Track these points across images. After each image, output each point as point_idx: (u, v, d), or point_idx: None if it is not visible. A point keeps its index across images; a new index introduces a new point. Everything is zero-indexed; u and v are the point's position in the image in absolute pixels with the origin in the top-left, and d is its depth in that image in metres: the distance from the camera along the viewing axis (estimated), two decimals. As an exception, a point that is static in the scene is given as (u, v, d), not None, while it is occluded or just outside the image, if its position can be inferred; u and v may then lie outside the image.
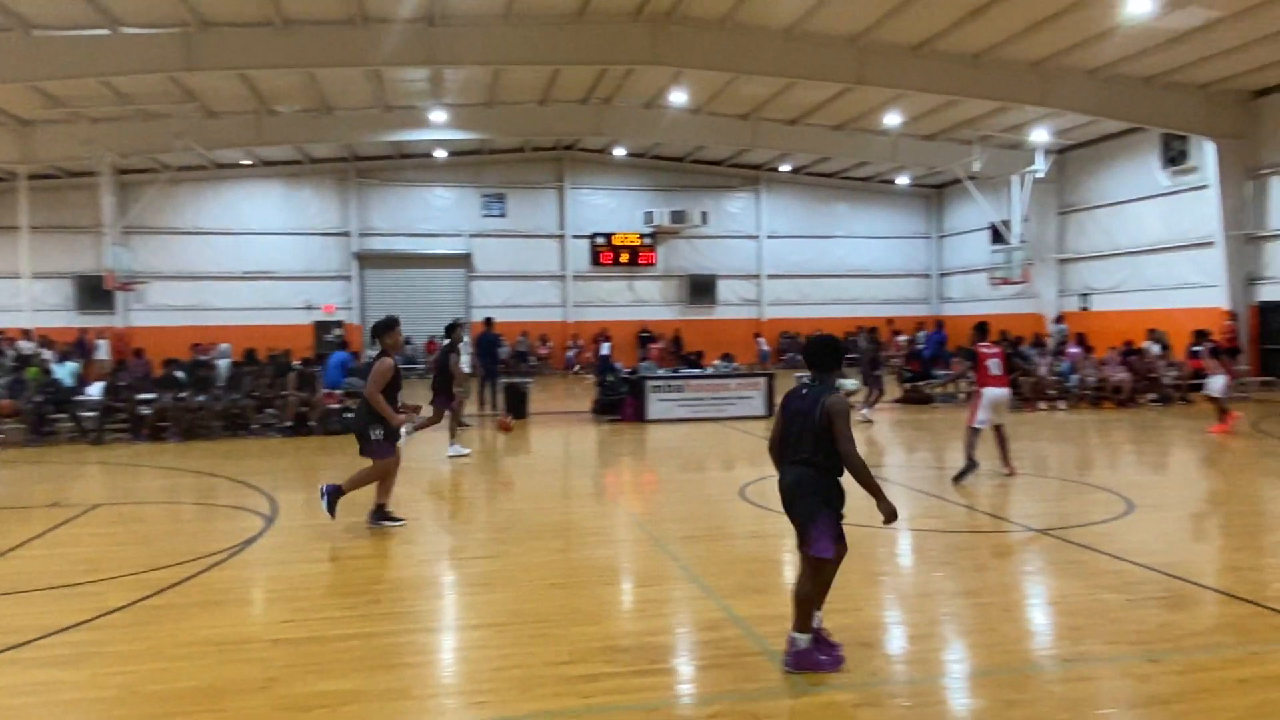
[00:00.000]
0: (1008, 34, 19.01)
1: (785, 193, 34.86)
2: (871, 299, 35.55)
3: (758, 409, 17.41)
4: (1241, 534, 8.11)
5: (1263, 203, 22.23)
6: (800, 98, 24.33)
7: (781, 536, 8.08)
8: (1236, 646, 5.01)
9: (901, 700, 4.41)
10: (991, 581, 6.45)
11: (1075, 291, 28.71)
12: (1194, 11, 17.09)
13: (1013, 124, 25.23)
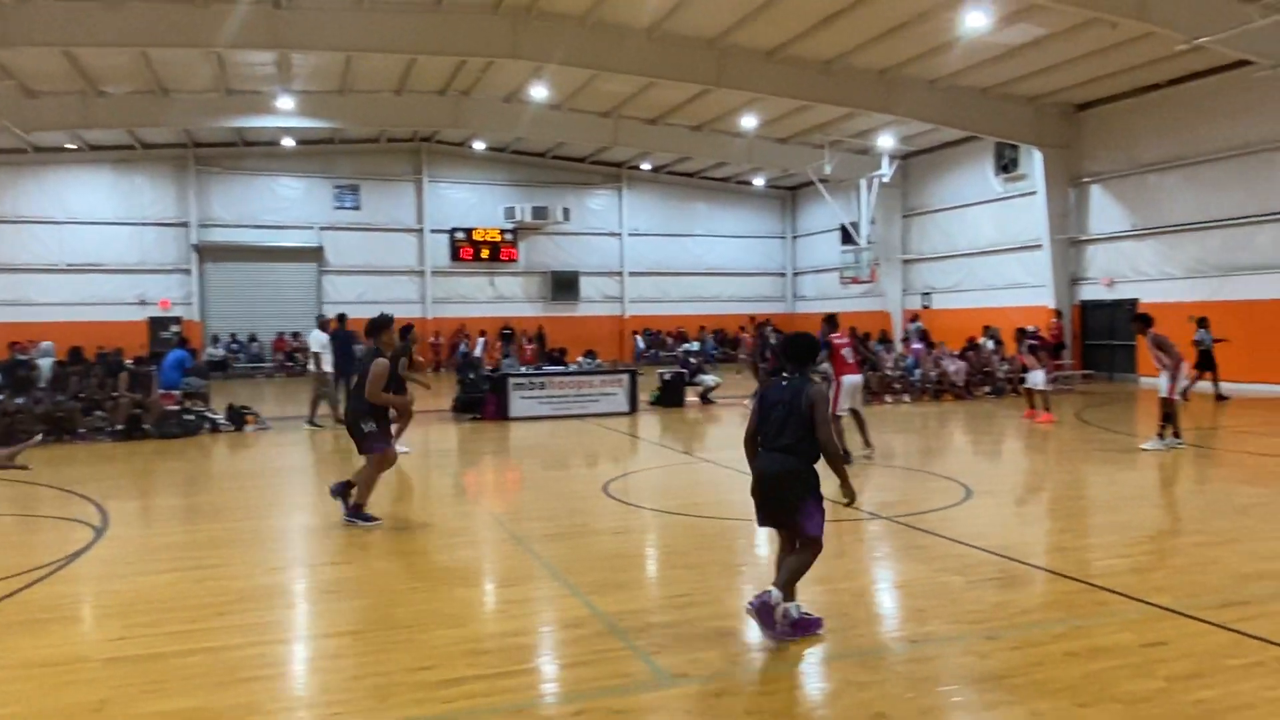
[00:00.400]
0: (856, 43, 19.84)
1: (646, 191, 35.26)
2: (730, 297, 36.43)
3: (621, 405, 17.52)
4: (1066, 517, 8.74)
5: (1084, 209, 24.07)
6: (661, 97, 24.63)
7: (644, 531, 8.16)
8: (1065, 621, 5.38)
9: (761, 687, 4.52)
10: (843, 568, 6.70)
11: (918, 290, 30.29)
12: (1024, 28, 18.31)
13: (861, 130, 26.36)
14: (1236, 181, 20.06)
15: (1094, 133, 23.58)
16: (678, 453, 13.05)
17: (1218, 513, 8.31)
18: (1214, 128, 20.31)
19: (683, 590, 6.08)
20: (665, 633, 5.25)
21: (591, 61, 20.34)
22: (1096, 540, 7.61)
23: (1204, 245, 20.94)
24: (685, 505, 9.06)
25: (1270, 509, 8.41)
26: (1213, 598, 5.71)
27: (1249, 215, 19.81)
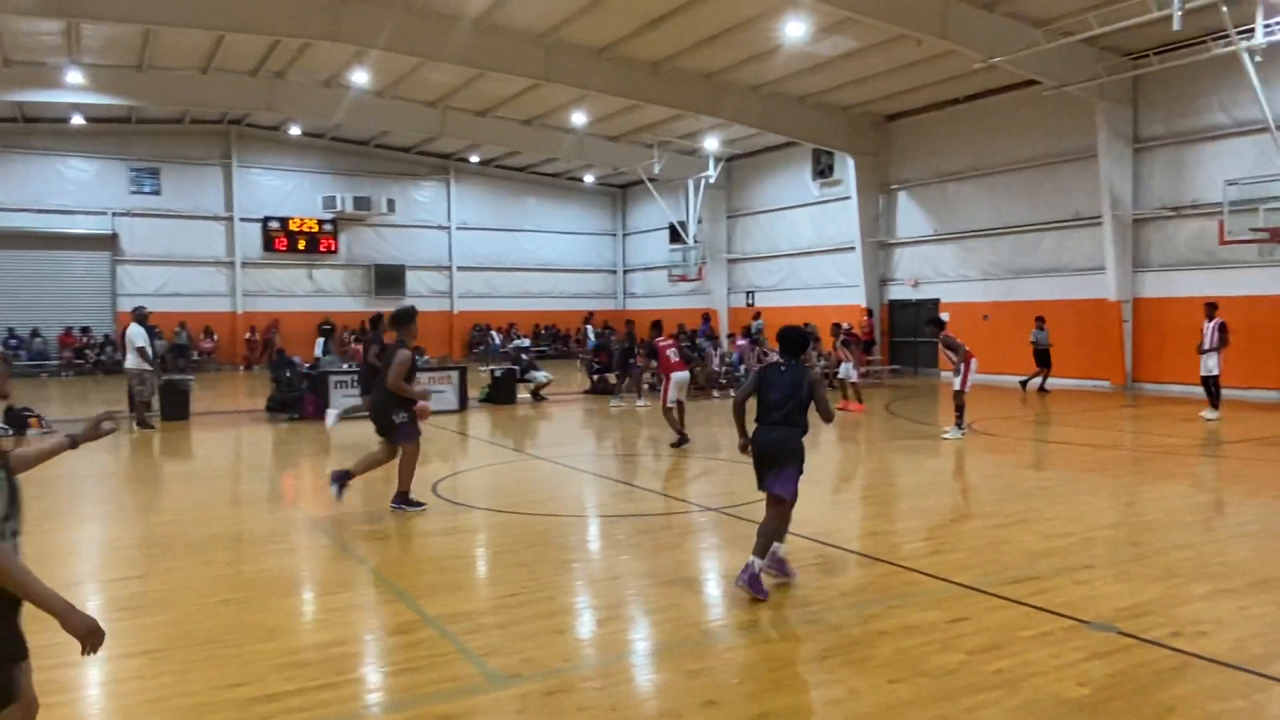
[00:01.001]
0: (683, 46, 20.26)
1: (476, 184, 34.67)
2: (561, 293, 36.42)
3: (450, 403, 17.13)
4: (879, 503, 9.27)
5: (892, 214, 25.63)
6: (490, 89, 24.27)
7: (474, 531, 8.00)
8: (879, 602, 5.69)
9: (593, 683, 4.51)
10: (673, 560, 6.81)
11: (742, 289, 31.34)
12: (839, 40, 19.27)
13: (688, 131, 26.96)
14: (1024, 192, 21.94)
15: (901, 143, 25.15)
16: (509, 450, 12.90)
17: (1009, 496, 9.03)
18: (1006, 141, 22.12)
19: (514, 589, 6.00)
20: (497, 633, 5.16)
21: (417, 49, 19.74)
22: (905, 525, 8.10)
23: (996, 250, 22.77)
24: (517, 503, 8.96)
25: (1054, 492, 9.23)
26: (1007, 575, 6.20)
27: (1035, 223, 21.70)
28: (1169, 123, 19.09)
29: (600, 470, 11.09)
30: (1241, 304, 17.55)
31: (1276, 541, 7.22)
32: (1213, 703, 4.16)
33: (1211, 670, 4.53)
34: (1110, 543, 7.17)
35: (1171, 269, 19.21)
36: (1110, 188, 19.41)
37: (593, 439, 14.45)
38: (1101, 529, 7.65)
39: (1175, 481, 9.92)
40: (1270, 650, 4.77)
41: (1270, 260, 17.16)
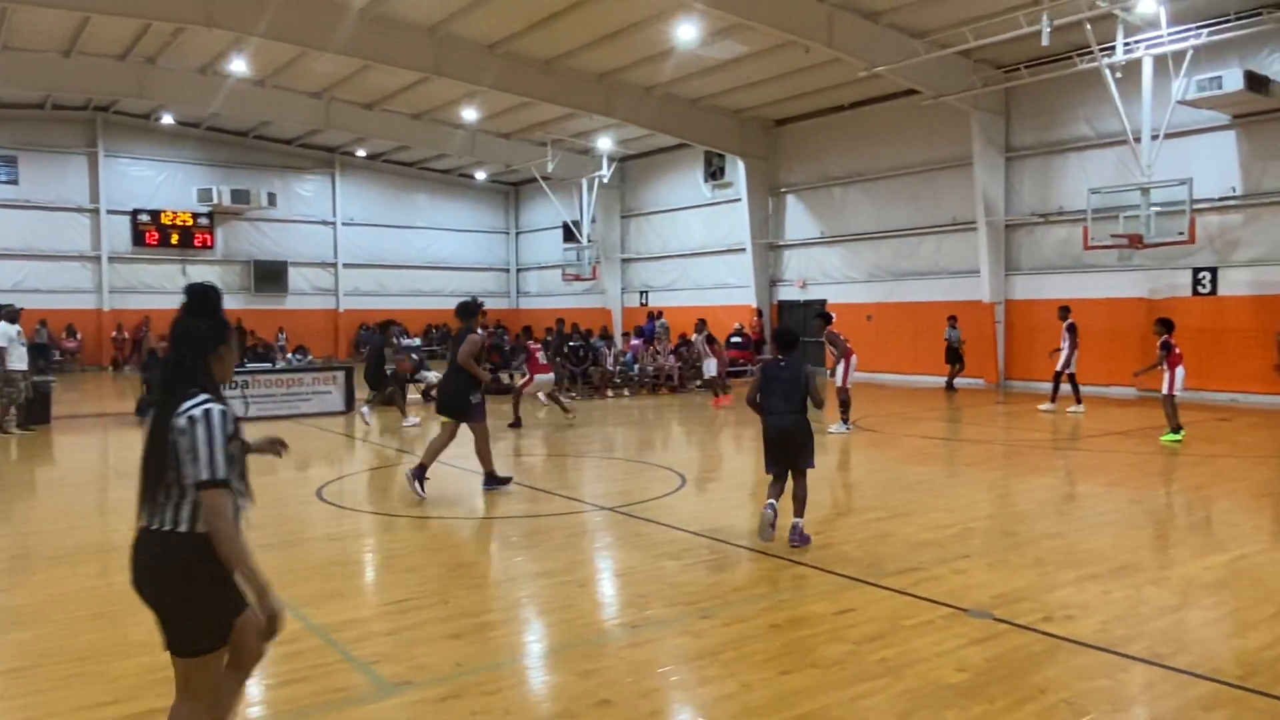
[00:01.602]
0: (576, 45, 20.23)
1: (363, 179, 33.74)
2: (452, 292, 35.72)
3: (336, 404, 16.64)
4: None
5: (781, 216, 26.22)
6: (378, 81, 23.67)
7: (363, 536, 7.78)
8: (769, 596, 5.81)
9: (486, 687, 4.45)
10: (567, 560, 6.79)
11: (636, 288, 31.51)
12: (729, 45, 19.59)
13: (582, 130, 26.92)
14: (905, 197, 22.78)
15: (790, 147, 25.75)
16: (397, 452, 12.61)
17: (892, 490, 9.36)
18: (888, 148, 22.92)
19: (405, 595, 5.86)
20: (386, 640, 5.03)
21: (300, 38, 19.08)
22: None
23: (879, 253, 23.58)
24: (406, 507, 8.76)
25: (934, 485, 9.61)
26: (891, 566, 6.42)
27: (915, 227, 22.57)
28: (1038, 133, 20.16)
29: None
30: (1103, 306, 18.69)
31: (1135, 529, 7.71)
32: (1080, 683, 4.40)
33: (1079, 652, 4.79)
34: (986, 533, 7.51)
35: (1040, 272, 20.29)
36: (984, 195, 20.36)
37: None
38: (978, 520, 8.00)
39: (1044, 474, 10.47)
40: (1131, 631, 5.09)
41: (1129, 265, 18.31)
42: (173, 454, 2.98)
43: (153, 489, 3.02)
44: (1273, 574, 6.19)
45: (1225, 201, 17.10)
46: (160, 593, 3.05)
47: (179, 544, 3.01)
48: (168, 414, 3.00)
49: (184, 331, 3.11)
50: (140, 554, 3.07)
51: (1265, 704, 4.14)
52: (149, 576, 3.06)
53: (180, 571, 3.00)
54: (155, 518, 3.03)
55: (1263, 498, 8.76)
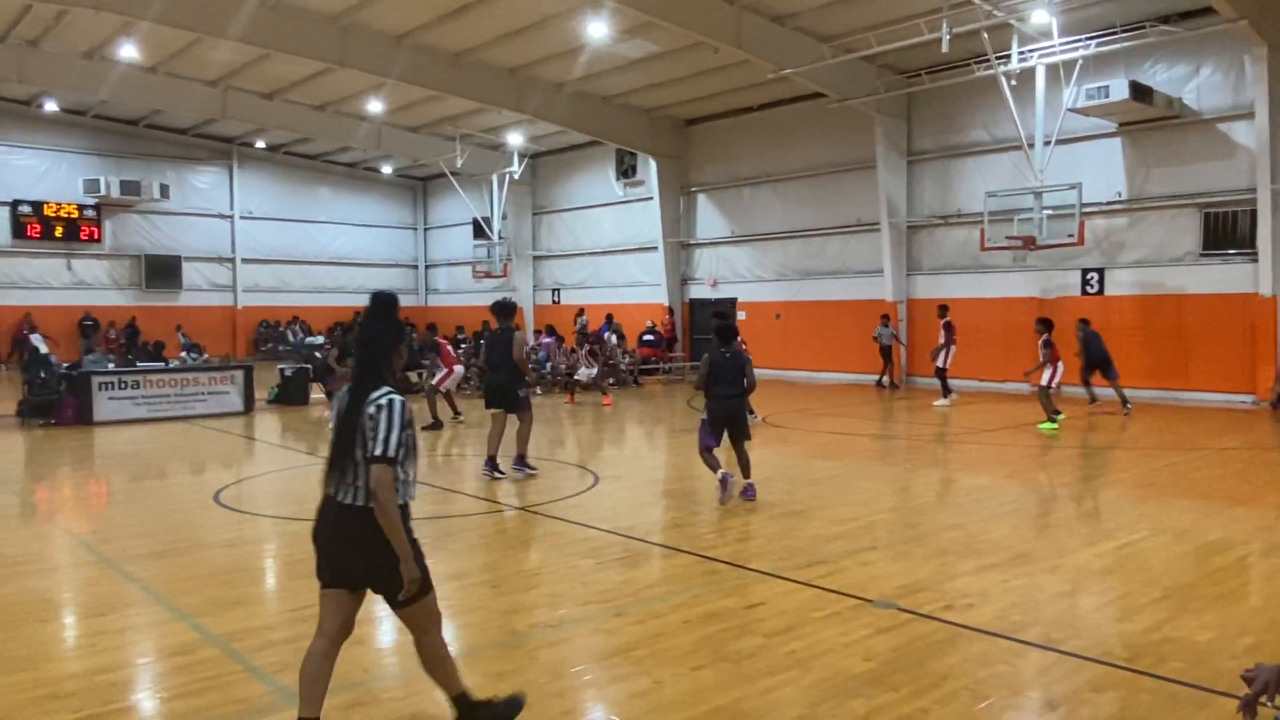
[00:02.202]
0: (486, 38, 19.96)
1: (263, 171, 32.59)
2: (358, 288, 34.92)
3: (234, 405, 16.05)
4: (680, 496, 9.49)
5: (692, 215, 26.43)
6: (278, 70, 22.90)
7: (264, 541, 7.52)
8: (681, 593, 5.83)
9: (395, 693, 4.34)
10: (479, 561, 6.69)
11: (548, 286, 31.32)
12: (640, 44, 19.63)
13: (492, 125, 26.61)
14: (812, 198, 23.23)
15: (700, 146, 25.98)
16: (302, 454, 12.23)
17: (800, 485, 9.53)
18: (795, 149, 23.33)
19: (307, 601, 5.61)
20: (290, 648, 4.85)
21: (194, 24, 18.28)
22: (705, 516, 8.35)
23: (787, 252, 24.00)
24: (309, 510, 8.41)
25: (841, 480, 9.83)
26: (799, 559, 6.52)
27: (822, 227, 23.04)
28: (937, 138, 20.82)
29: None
30: (999, 305, 19.42)
31: (1030, 519, 8.03)
32: (980, 669, 4.55)
33: (979, 639, 4.96)
34: (889, 526, 7.71)
35: (940, 272, 20.97)
36: (887, 197, 20.93)
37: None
38: (882, 513, 8.21)
39: (944, 468, 10.82)
40: (1027, 618, 5.29)
41: (1023, 266, 19.09)
42: (362, 436, 3.54)
43: (342, 464, 3.59)
44: (1157, 560, 6.52)
45: (1112, 205, 17.98)
46: (365, 562, 3.62)
47: (370, 517, 3.53)
48: (360, 401, 3.58)
49: (372, 333, 3.73)
50: (336, 526, 3.65)
51: (1152, 684, 4.35)
52: (351, 549, 3.62)
53: (379, 540, 3.52)
54: (343, 492, 3.61)
55: (1146, 487, 9.23)
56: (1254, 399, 16.33)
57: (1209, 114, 16.75)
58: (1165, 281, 17.53)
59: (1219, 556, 6.62)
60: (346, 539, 3.64)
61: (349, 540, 3.62)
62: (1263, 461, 10.91)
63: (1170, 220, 17.43)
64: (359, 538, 3.58)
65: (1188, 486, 9.31)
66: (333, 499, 3.67)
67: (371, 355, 3.69)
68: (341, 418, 3.62)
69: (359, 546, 3.59)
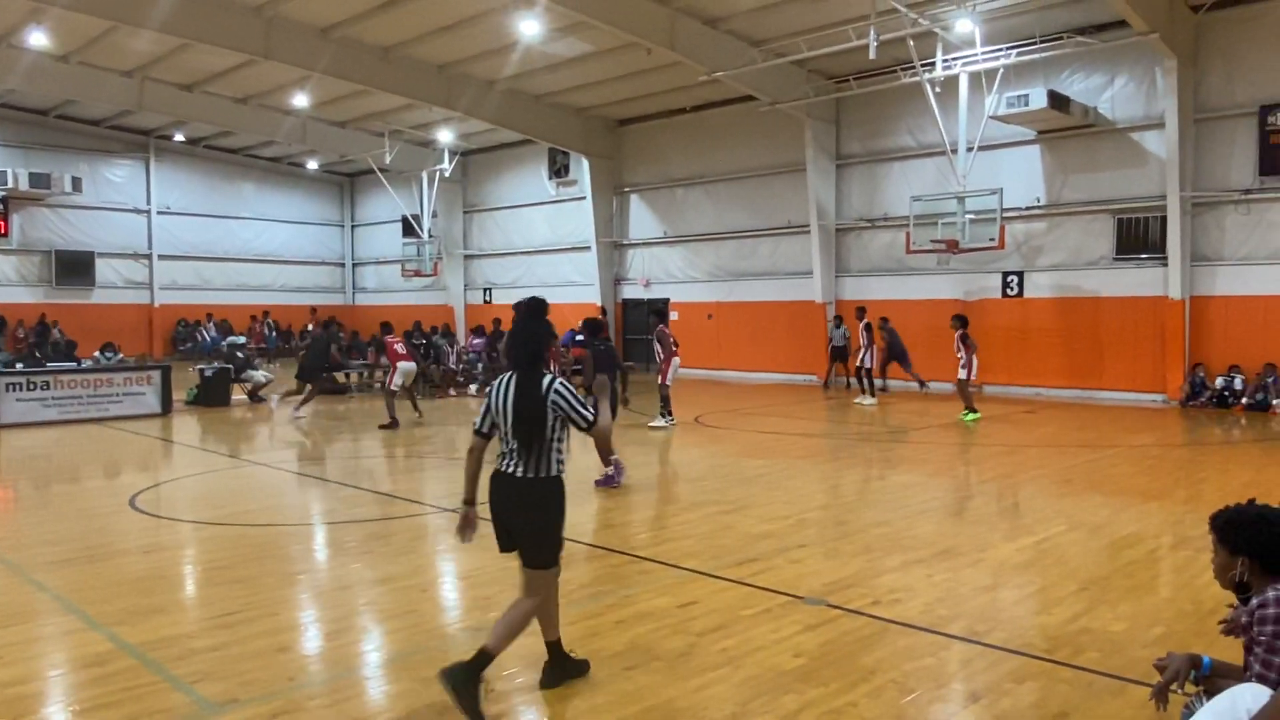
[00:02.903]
0: (415, 33, 19.66)
1: (181, 165, 31.54)
2: (282, 286, 34.12)
3: (151, 406, 15.52)
4: (612, 495, 9.49)
5: (625, 216, 26.45)
6: (199, 61, 22.19)
7: (183, 547, 7.29)
8: (614, 593, 5.83)
9: (321, 700, 4.24)
10: (409, 565, 6.58)
11: (480, 286, 31.00)
12: (573, 43, 19.57)
13: (422, 122, 26.23)
14: (744, 200, 23.47)
15: (633, 147, 26.02)
16: (222, 456, 11.88)
17: (732, 484, 9.61)
18: (727, 151, 23.54)
19: (231, 608, 5.51)
20: (210, 657, 4.71)
21: (110, 12, 17.60)
22: (639, 516, 8.38)
23: (719, 253, 24.19)
24: (232, 514, 8.26)
25: (771, 478, 9.94)
26: (731, 558, 6.58)
27: (753, 229, 23.29)
28: (865, 142, 21.22)
29: (329, 474, 10.50)
30: (924, 307, 19.88)
31: (954, 515, 8.24)
32: (907, 663, 4.65)
33: (905, 633, 5.06)
34: (819, 523, 7.82)
35: (867, 274, 21.38)
36: (816, 199, 21.25)
37: (321, 441, 13.66)
38: (812, 511, 8.33)
39: (872, 466, 11.03)
40: (952, 612, 5.42)
41: (946, 269, 19.58)
42: (549, 415, 4.19)
43: (529, 443, 4.20)
44: (1074, 554, 6.75)
45: (1031, 211, 18.56)
46: (530, 523, 4.25)
47: (550, 487, 4.25)
48: (532, 389, 4.22)
49: (530, 332, 4.37)
50: (515, 492, 4.25)
51: (1070, 674, 4.49)
52: (524, 510, 4.25)
53: (551, 507, 4.27)
54: (527, 466, 4.22)
55: (1064, 484, 9.55)
56: (1164, 398, 17.04)
57: (1122, 124, 17.42)
58: (1081, 285, 18.17)
59: (1132, 550, 6.89)
60: (520, 505, 4.27)
61: (522, 505, 4.26)
62: (1173, 458, 11.39)
63: (1086, 226, 18.08)
64: (531, 502, 4.24)
65: (1102, 482, 9.66)
66: (505, 473, 4.29)
67: (532, 350, 4.32)
68: (519, 404, 4.23)
69: (528, 513, 4.25)
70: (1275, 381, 15.70)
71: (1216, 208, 16.53)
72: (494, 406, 4.33)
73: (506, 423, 4.27)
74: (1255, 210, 16.15)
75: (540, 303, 4.48)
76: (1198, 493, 9.15)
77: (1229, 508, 3.19)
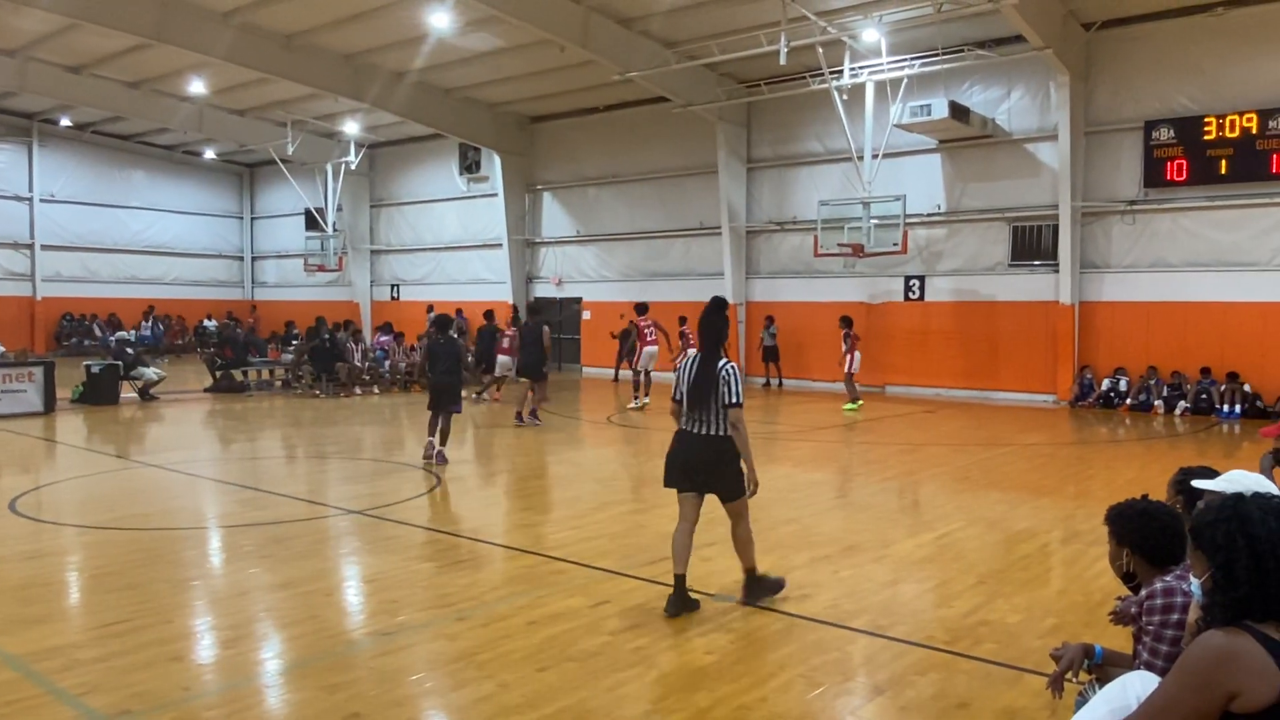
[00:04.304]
0: (321, 21, 19.11)
1: (67, 151, 29.93)
2: (175, 279, 32.76)
3: (33, 404, 14.68)
4: (526, 496, 9.43)
5: (538, 213, 26.27)
6: (88, 43, 21.09)
7: (68, 553, 6.91)
8: (526, 594, 5.77)
9: (218, 711, 4.07)
10: (311, 569, 6.38)
11: (387, 282, 30.34)
12: (485, 37, 19.31)
13: (326, 112, 25.49)
14: (657, 200, 23.58)
15: (546, 145, 25.86)
16: (111, 457, 11.31)
17: (645, 483, 9.63)
18: (640, 152, 23.60)
19: (121, 615, 5.24)
20: (99, 668, 4.47)
21: (-10, -14, 16.61)
22: (551, 516, 8.32)
23: (632, 253, 24.25)
24: (122, 518, 7.86)
25: (682, 476, 9.98)
26: (644, 557, 6.59)
27: (666, 230, 23.42)
28: (775, 147, 21.58)
29: (226, 476, 10.11)
30: (831, 309, 20.30)
31: (861, 512, 8.43)
32: (815, 657, 4.73)
33: (813, 628, 5.15)
34: (729, 521, 7.88)
35: (777, 276, 21.75)
36: (728, 202, 21.51)
37: (216, 442, 13.14)
38: (721, 509, 8.36)
39: (780, 463, 11.21)
40: (858, 607, 5.54)
41: (852, 272, 20.06)
42: (720, 389, 5.32)
43: (706, 409, 5.35)
44: (972, 549, 6.99)
45: (932, 217, 19.18)
46: (718, 469, 5.42)
47: (725, 442, 5.38)
48: (712, 369, 5.35)
49: (713, 323, 5.54)
50: (700, 448, 5.42)
51: (969, 665, 4.65)
52: (711, 462, 5.41)
53: (730, 456, 5.40)
54: (707, 426, 5.38)
55: (962, 480, 9.89)
56: (1055, 398, 17.83)
57: (1018, 135, 18.16)
58: (978, 289, 18.87)
59: (1026, 544, 7.17)
60: (703, 457, 5.40)
61: (705, 458, 5.40)
62: (1063, 456, 11.93)
63: (983, 232, 18.78)
64: (712, 456, 5.38)
65: (998, 479, 10.04)
66: (690, 432, 5.43)
67: (715, 338, 5.49)
68: (698, 378, 5.37)
69: (712, 462, 5.39)
70: (1157, 383, 16.60)
71: (1104, 218, 17.38)
72: (681, 380, 5.48)
73: (686, 393, 5.40)
74: (1140, 220, 17.05)
75: (722, 301, 5.72)
76: (1086, 489, 9.60)
77: (1122, 502, 3.33)
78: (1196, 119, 16.16)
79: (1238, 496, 2.36)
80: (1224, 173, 15.95)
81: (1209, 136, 16.02)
